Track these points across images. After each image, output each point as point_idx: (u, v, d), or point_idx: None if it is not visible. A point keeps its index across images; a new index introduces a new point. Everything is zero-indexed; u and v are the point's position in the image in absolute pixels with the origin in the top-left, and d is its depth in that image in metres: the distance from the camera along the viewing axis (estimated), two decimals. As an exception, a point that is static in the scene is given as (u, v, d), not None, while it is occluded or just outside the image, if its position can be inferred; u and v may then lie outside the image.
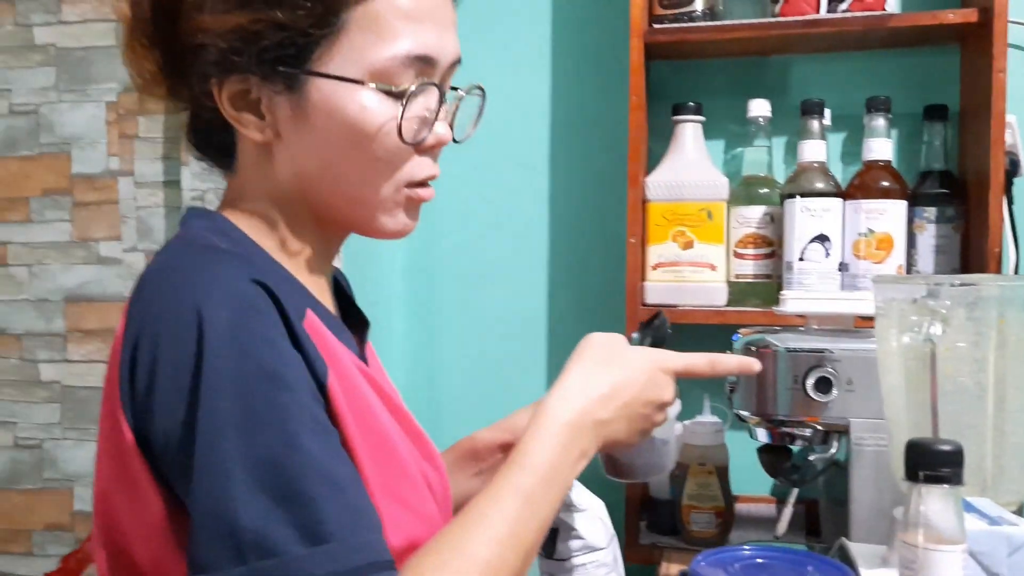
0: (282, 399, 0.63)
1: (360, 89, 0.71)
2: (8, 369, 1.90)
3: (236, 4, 0.69)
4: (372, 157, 0.73)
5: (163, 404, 0.64)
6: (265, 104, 0.73)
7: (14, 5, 1.88)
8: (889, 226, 1.41)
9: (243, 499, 0.60)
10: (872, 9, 1.41)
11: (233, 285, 0.65)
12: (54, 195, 1.88)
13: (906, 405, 0.94)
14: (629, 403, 0.78)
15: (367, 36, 0.71)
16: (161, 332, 0.64)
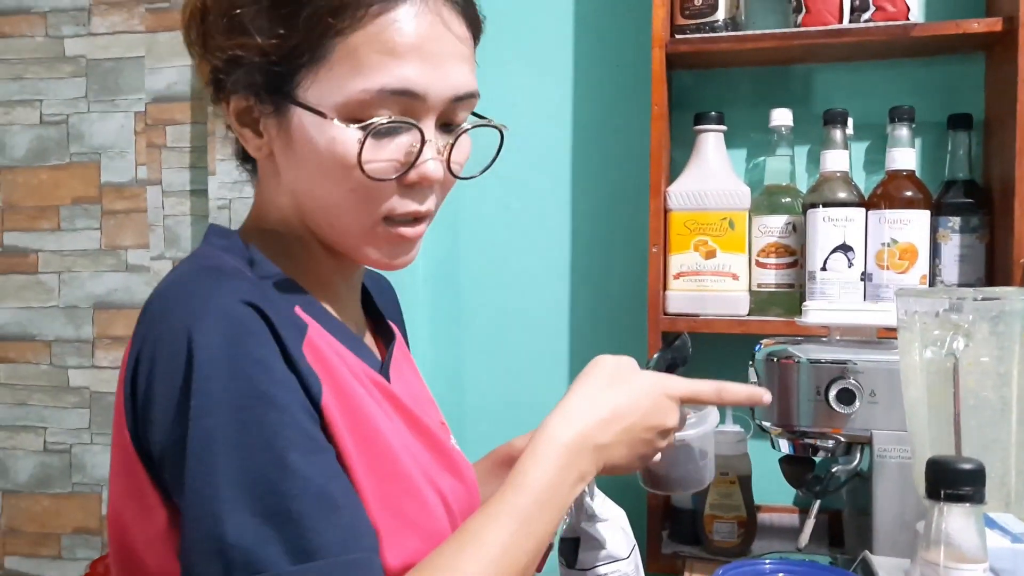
0: (271, 418, 0.64)
1: (331, 122, 0.70)
2: (39, 375, 1.93)
3: (233, 29, 0.71)
4: (346, 189, 0.72)
5: (157, 423, 0.65)
6: (262, 124, 0.75)
7: (45, 17, 1.92)
8: (913, 236, 1.41)
9: (231, 517, 0.61)
10: (895, 19, 1.41)
11: (225, 308, 0.66)
12: (84, 204, 1.91)
13: (929, 419, 0.94)
14: (630, 428, 0.77)
15: (345, 69, 0.70)
16: (156, 353, 0.66)
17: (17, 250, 1.95)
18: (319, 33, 0.69)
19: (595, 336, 1.72)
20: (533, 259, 1.75)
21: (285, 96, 0.71)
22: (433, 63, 0.71)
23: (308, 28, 0.69)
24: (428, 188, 0.75)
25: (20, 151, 1.94)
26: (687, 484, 0.94)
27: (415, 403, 0.85)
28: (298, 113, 0.71)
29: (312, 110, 0.70)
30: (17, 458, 1.95)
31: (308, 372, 0.68)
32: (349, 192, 0.72)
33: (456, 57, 0.73)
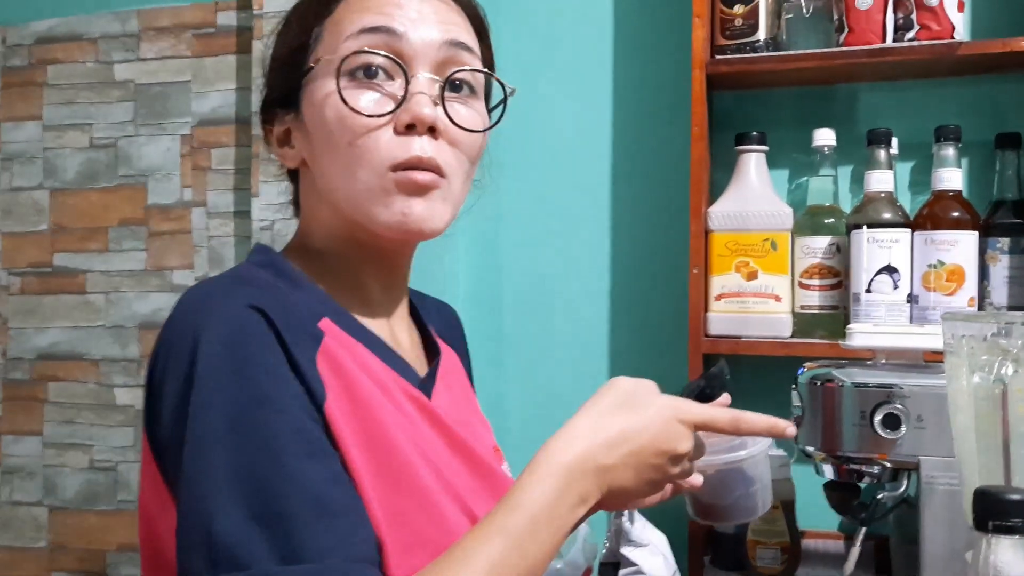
0: (269, 419, 0.65)
1: (320, 80, 0.76)
2: (86, 393, 1.97)
3: (272, 54, 0.83)
4: (344, 144, 0.75)
5: (163, 419, 0.68)
6: (293, 135, 0.81)
7: (96, 44, 1.96)
8: (960, 257, 1.38)
9: (222, 512, 0.62)
10: (940, 37, 1.39)
11: (231, 312, 0.68)
12: (131, 225, 1.95)
13: (977, 446, 0.92)
14: (638, 451, 0.72)
15: (333, 37, 0.77)
16: (168, 354, 0.68)
17: (67, 271, 1.98)
18: (312, 20, 0.78)
19: (636, 359, 1.71)
20: (573, 280, 1.75)
21: (297, 89, 0.79)
22: (414, 15, 0.77)
23: (303, 20, 0.79)
24: (425, 132, 0.75)
25: (70, 174, 1.98)
26: (737, 513, 0.90)
27: (461, 423, 0.85)
28: (306, 96, 0.78)
29: (308, 74, 0.78)
30: (64, 475, 1.98)
31: (313, 377, 0.69)
32: (347, 147, 0.75)
33: (442, 15, 0.78)
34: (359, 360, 0.76)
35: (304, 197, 0.84)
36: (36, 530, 1.99)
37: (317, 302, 0.78)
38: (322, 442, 0.68)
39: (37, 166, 2.00)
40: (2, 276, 2.03)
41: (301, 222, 0.85)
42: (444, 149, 0.77)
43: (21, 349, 2.01)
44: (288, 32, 0.82)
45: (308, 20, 0.79)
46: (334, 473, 0.67)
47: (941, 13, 1.38)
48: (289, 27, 0.82)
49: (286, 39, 0.82)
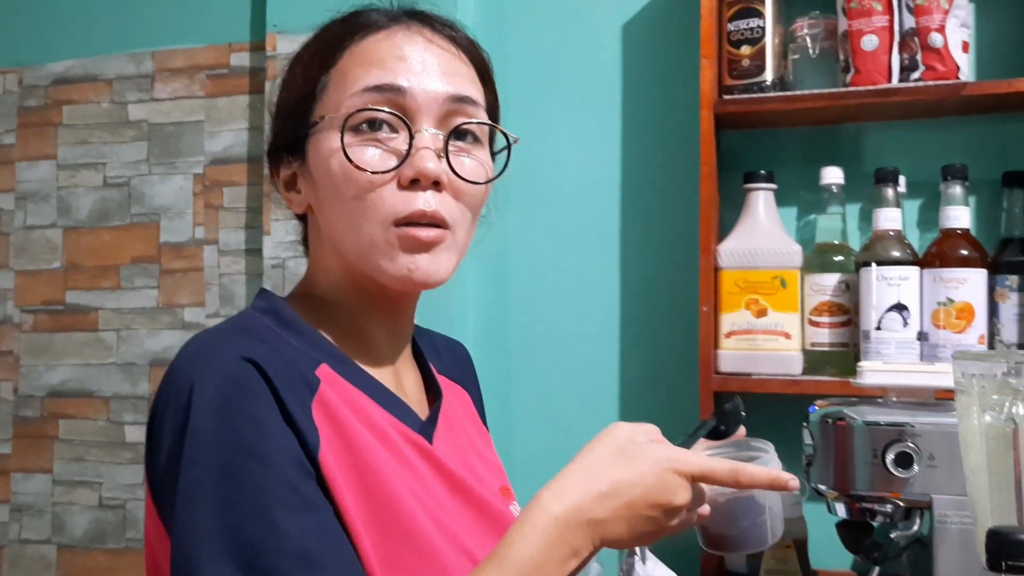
0: (257, 473, 0.66)
1: (326, 132, 0.77)
2: (96, 431, 1.97)
3: (275, 106, 0.84)
4: (349, 197, 0.76)
5: (158, 467, 0.69)
6: (299, 181, 0.82)
7: (111, 84, 1.99)
8: (969, 295, 1.38)
9: (209, 565, 0.62)
10: (945, 78, 1.41)
11: (224, 364, 0.69)
12: (143, 263, 1.96)
13: (989, 486, 0.91)
14: (631, 504, 0.69)
15: (338, 90, 0.77)
16: (166, 405, 0.70)
17: (79, 308, 2.00)
18: (317, 70, 0.78)
19: (646, 397, 1.71)
20: (582, 318, 1.75)
21: (303, 138, 0.79)
22: (418, 68, 0.77)
23: (308, 70, 0.79)
24: (430, 187, 0.76)
25: (84, 212, 2.00)
26: (747, 543, 0.88)
27: (463, 465, 0.84)
28: (312, 144, 0.78)
29: (310, 126, 0.78)
30: (73, 513, 1.98)
31: (308, 428, 0.70)
32: (352, 200, 0.75)
33: (446, 66, 0.78)
34: (357, 407, 0.76)
35: (311, 241, 0.85)
36: (44, 569, 1.99)
37: (317, 349, 0.78)
38: (311, 495, 0.68)
39: (51, 205, 2.02)
40: (15, 314, 2.04)
41: (309, 270, 0.86)
42: (448, 201, 0.77)
43: (32, 386, 2.02)
44: (293, 80, 0.82)
45: (313, 70, 0.79)
46: (322, 527, 0.67)
47: (946, 54, 1.40)
48: (294, 75, 0.82)
49: (291, 87, 0.82)
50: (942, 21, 1.40)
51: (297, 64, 0.83)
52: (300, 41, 0.84)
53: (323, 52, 0.79)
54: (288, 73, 0.83)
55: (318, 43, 0.81)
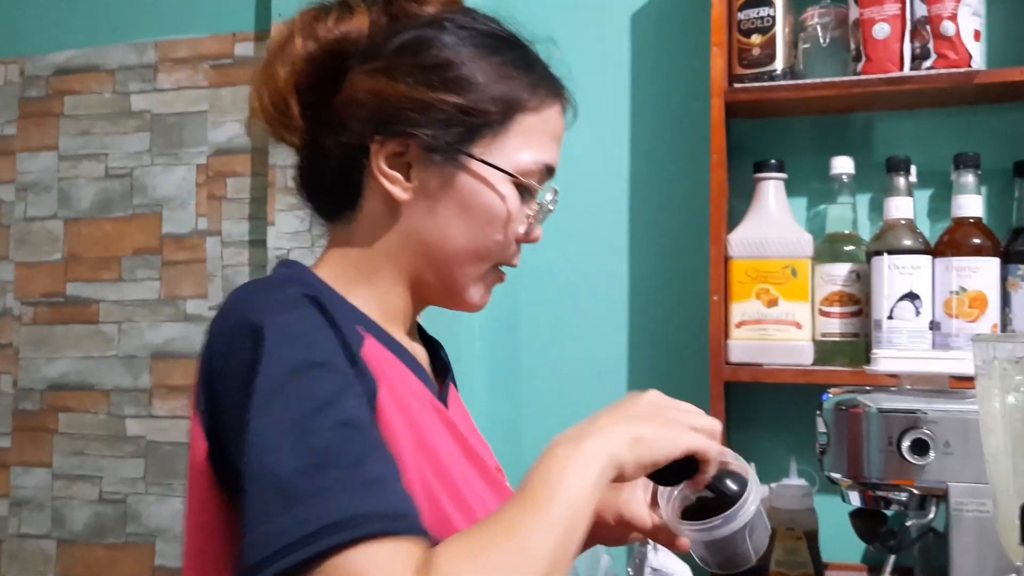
0: (331, 381, 0.67)
1: (506, 180, 0.80)
2: (96, 424, 1.95)
3: (437, 82, 0.78)
4: (491, 239, 0.81)
5: (227, 395, 0.69)
6: (416, 169, 0.80)
7: (113, 75, 1.98)
8: (982, 284, 1.37)
9: (290, 457, 0.62)
10: (957, 66, 1.40)
11: (289, 298, 0.71)
12: (145, 254, 1.95)
13: (1012, 469, 0.90)
14: (657, 405, 0.76)
15: (521, 141, 0.81)
16: (230, 339, 0.70)
17: (79, 300, 1.98)
18: (511, 106, 0.80)
19: (655, 387, 1.66)
20: (592, 308, 1.74)
21: (459, 152, 0.79)
22: (559, 147, 0.86)
23: (504, 100, 0.80)
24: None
25: (85, 203, 1.99)
26: (729, 566, 0.87)
27: (472, 436, 0.87)
28: (471, 167, 0.79)
29: (498, 169, 0.80)
30: (73, 507, 1.96)
31: (365, 369, 0.71)
32: (493, 242, 0.82)
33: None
34: (394, 365, 0.78)
35: (377, 214, 0.82)
36: (44, 563, 1.97)
37: (347, 311, 0.79)
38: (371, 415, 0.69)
39: (52, 196, 2.01)
40: (14, 306, 2.03)
41: (349, 231, 0.84)
42: None
43: (31, 379, 2.00)
44: (466, 81, 0.79)
45: (509, 101, 0.80)
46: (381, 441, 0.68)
47: (958, 42, 1.39)
48: (471, 81, 0.79)
49: (461, 86, 0.79)
50: (954, 9, 1.39)
51: (478, 71, 0.80)
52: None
53: (528, 92, 0.81)
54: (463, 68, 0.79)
55: (509, 71, 0.81)
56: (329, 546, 0.58)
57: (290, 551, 0.59)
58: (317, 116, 0.81)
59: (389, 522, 0.60)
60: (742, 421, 1.61)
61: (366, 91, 0.78)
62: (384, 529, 0.60)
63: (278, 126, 0.82)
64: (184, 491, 1.89)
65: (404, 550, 0.60)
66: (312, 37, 0.80)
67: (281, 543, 0.59)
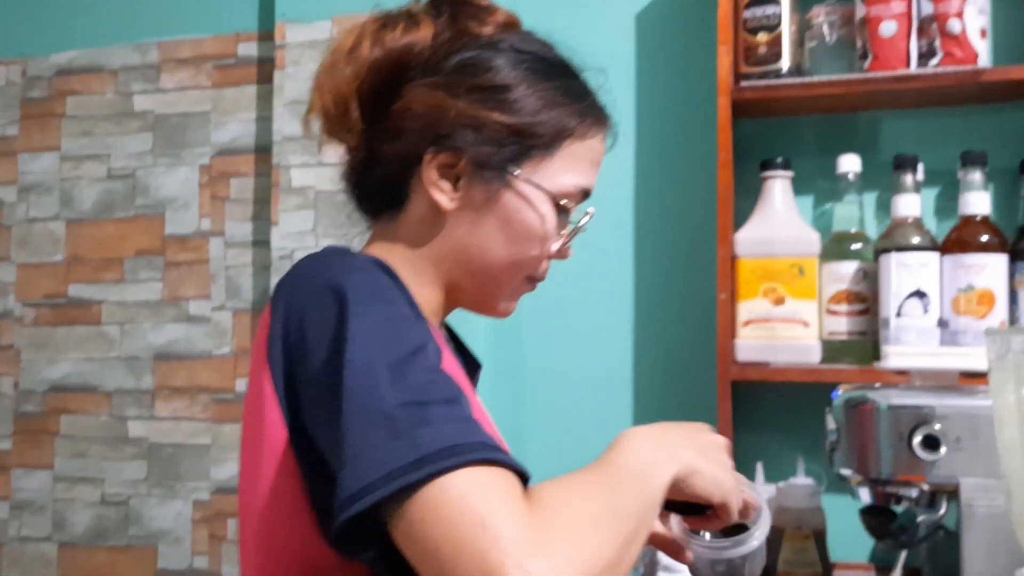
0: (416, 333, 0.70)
1: (547, 201, 0.85)
2: (98, 426, 1.94)
3: (493, 103, 0.82)
4: (528, 254, 0.86)
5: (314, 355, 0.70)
6: (464, 181, 0.84)
7: (116, 75, 1.97)
8: (990, 281, 1.37)
9: (391, 392, 0.64)
10: (963, 63, 1.40)
11: (367, 264, 0.76)
12: (147, 255, 1.94)
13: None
14: (690, 435, 0.79)
15: (565, 165, 0.85)
16: (308, 305, 0.73)
17: (81, 301, 1.97)
18: (559, 132, 0.85)
19: (663, 386, 1.69)
20: (597, 308, 1.73)
21: (507, 170, 0.83)
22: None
23: (555, 125, 0.84)
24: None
25: (87, 204, 1.98)
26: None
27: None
28: (517, 186, 0.84)
29: (544, 191, 0.84)
30: (74, 510, 1.94)
31: (432, 336, 0.73)
32: (529, 257, 0.86)
33: None
34: (444, 346, 0.82)
35: (421, 218, 0.86)
36: (45, 567, 1.95)
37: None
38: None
39: (54, 197, 2.00)
40: (16, 307, 2.02)
41: (393, 228, 0.88)
42: None
43: (33, 381, 1.99)
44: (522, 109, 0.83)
45: (559, 126, 0.84)
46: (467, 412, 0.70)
47: (964, 40, 1.40)
48: (525, 105, 0.83)
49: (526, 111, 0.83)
50: (960, 7, 1.39)
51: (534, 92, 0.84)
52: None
53: (563, 119, 0.85)
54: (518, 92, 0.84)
55: (561, 98, 0.85)
56: (436, 471, 0.60)
57: (397, 476, 0.60)
58: (374, 121, 0.85)
59: (491, 451, 0.62)
60: (749, 420, 1.61)
61: (424, 103, 0.82)
62: (486, 456, 0.62)
63: (336, 125, 0.86)
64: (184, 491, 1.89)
65: (507, 477, 0.62)
66: (379, 44, 0.84)
67: (387, 468, 0.60)
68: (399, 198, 0.87)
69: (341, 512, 0.61)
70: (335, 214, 1.72)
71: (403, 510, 0.61)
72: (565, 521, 0.62)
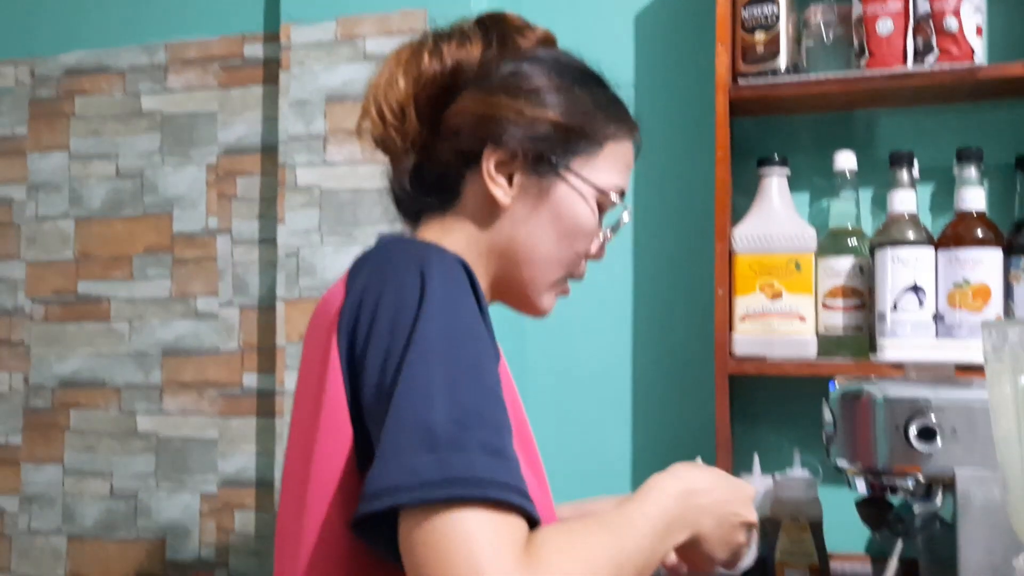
0: (480, 350, 0.73)
1: (592, 198, 0.93)
2: (107, 420, 1.97)
3: (547, 103, 0.90)
4: (572, 250, 0.93)
5: (380, 338, 0.73)
6: (518, 178, 0.91)
7: (124, 75, 2.00)
8: (986, 276, 1.39)
9: (441, 406, 0.67)
10: (960, 61, 1.42)
11: (448, 256, 0.79)
12: (156, 253, 1.96)
13: (1021, 453, 0.92)
14: (723, 504, 0.86)
15: (606, 164, 0.94)
16: (387, 285, 0.75)
17: (90, 298, 2.00)
18: (603, 134, 0.93)
19: (661, 381, 1.71)
20: (596, 304, 1.75)
21: (560, 165, 0.90)
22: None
23: (597, 127, 0.93)
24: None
25: (96, 203, 2.00)
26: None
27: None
28: (567, 182, 0.91)
29: (592, 185, 0.92)
30: (84, 504, 1.97)
31: (494, 341, 0.78)
32: (573, 253, 0.94)
33: None
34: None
35: (475, 211, 0.92)
36: (55, 559, 1.98)
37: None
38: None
39: (63, 195, 2.03)
40: (26, 304, 2.04)
41: (448, 220, 0.93)
42: None
43: (43, 377, 2.02)
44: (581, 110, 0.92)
45: (602, 129, 0.93)
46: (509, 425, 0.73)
47: (961, 38, 1.41)
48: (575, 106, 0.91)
49: (576, 113, 0.91)
50: (957, 5, 1.41)
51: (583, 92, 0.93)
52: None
53: (618, 124, 0.95)
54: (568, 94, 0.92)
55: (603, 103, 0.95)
56: (457, 496, 0.63)
57: (422, 488, 0.64)
58: (430, 125, 0.92)
59: (512, 494, 0.66)
60: (746, 413, 1.63)
61: (481, 104, 0.90)
62: (507, 499, 0.65)
63: (391, 130, 0.92)
64: (191, 484, 1.91)
65: (514, 525, 0.65)
66: (437, 56, 0.91)
67: (418, 479, 0.64)
68: (450, 198, 0.93)
69: (363, 504, 0.65)
70: (340, 212, 1.75)
71: (414, 523, 0.64)
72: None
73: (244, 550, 1.85)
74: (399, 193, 0.96)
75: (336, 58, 1.76)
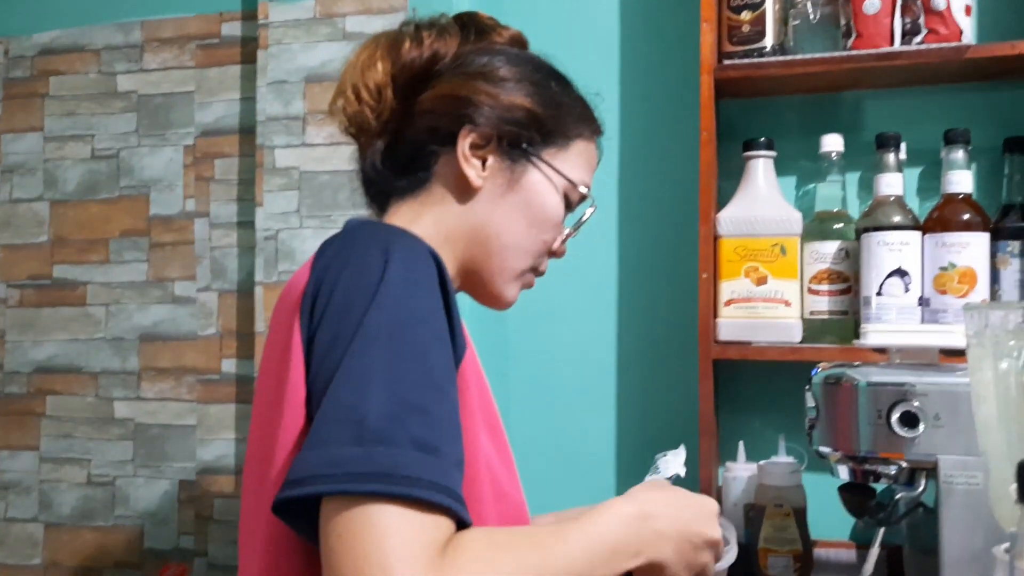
0: (431, 341, 0.72)
1: (560, 189, 0.95)
2: (84, 407, 1.94)
3: (523, 92, 0.93)
4: (540, 238, 0.95)
5: (331, 322, 0.72)
6: (491, 161, 0.92)
7: (99, 55, 1.96)
8: (972, 260, 1.37)
9: (377, 397, 0.66)
10: (948, 41, 1.40)
11: (416, 243, 0.77)
12: (132, 236, 1.93)
13: (1005, 437, 0.90)
14: (684, 526, 0.82)
15: (576, 161, 0.97)
16: (347, 269, 0.74)
17: (66, 283, 1.97)
18: (574, 131, 0.97)
19: (644, 366, 1.69)
20: (580, 288, 1.73)
21: (530, 153, 0.93)
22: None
23: (568, 123, 0.96)
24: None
25: (71, 185, 1.97)
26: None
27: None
28: (538, 171, 0.93)
29: (561, 175, 0.95)
30: (60, 491, 1.95)
31: (459, 331, 0.77)
32: (542, 242, 0.95)
33: None
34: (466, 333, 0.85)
35: (446, 193, 0.93)
36: (31, 547, 1.96)
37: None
38: (455, 376, 0.75)
39: (37, 177, 1.99)
40: (0, 289, 2.01)
41: (419, 203, 0.94)
42: None
43: (18, 363, 1.99)
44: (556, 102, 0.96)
45: (574, 125, 0.97)
46: (457, 401, 0.73)
47: (949, 17, 1.39)
48: (549, 98, 0.95)
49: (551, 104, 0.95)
50: (944, -16, 1.39)
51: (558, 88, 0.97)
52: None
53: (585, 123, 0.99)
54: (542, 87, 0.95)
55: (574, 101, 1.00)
56: (378, 491, 0.63)
57: (344, 480, 0.63)
58: (406, 106, 0.93)
59: (438, 493, 0.64)
60: (731, 399, 1.61)
61: (461, 86, 0.91)
62: (429, 498, 0.64)
63: (366, 108, 0.93)
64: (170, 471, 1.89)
65: (435, 525, 0.64)
66: (417, 43, 0.93)
67: (341, 469, 0.63)
68: (421, 180, 0.93)
69: (285, 489, 0.65)
70: (319, 194, 1.72)
71: (332, 513, 0.64)
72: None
73: (222, 538, 1.83)
74: (370, 174, 0.96)
75: (315, 37, 1.73)
